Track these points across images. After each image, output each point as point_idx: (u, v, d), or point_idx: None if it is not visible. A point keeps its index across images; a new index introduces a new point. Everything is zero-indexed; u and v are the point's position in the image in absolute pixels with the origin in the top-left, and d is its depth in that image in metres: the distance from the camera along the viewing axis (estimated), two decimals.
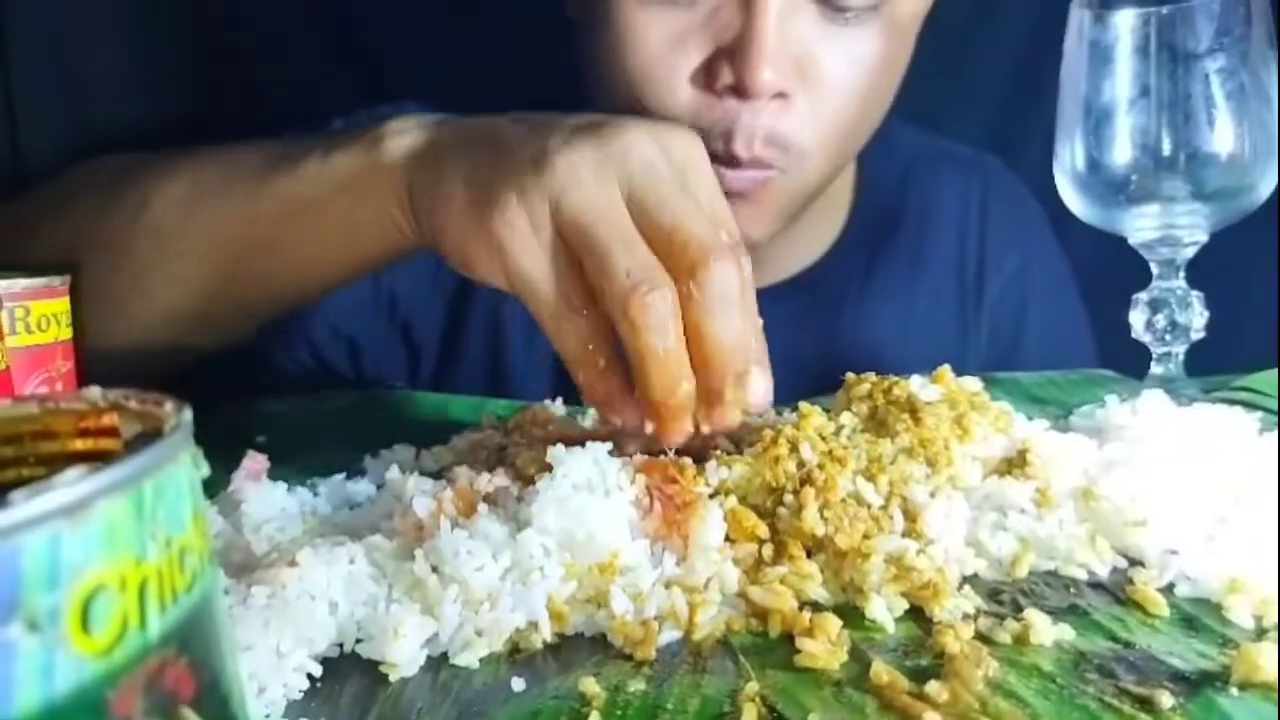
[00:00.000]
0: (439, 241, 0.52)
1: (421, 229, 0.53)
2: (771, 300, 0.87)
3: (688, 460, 0.44)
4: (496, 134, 0.51)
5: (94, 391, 0.23)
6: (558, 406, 0.64)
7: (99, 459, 0.17)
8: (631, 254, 0.44)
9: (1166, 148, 0.60)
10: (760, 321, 0.47)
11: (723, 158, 0.67)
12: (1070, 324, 0.96)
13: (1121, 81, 0.61)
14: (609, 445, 0.44)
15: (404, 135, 0.55)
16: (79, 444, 0.23)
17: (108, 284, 0.62)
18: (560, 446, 0.43)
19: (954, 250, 0.91)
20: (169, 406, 0.21)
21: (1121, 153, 0.61)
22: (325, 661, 0.37)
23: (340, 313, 0.82)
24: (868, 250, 0.89)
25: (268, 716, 0.34)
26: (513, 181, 0.46)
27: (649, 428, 0.45)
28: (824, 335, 0.87)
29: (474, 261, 0.49)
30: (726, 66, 0.66)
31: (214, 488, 0.49)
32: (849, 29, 0.68)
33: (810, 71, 0.67)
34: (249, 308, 0.66)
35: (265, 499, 0.48)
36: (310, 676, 0.36)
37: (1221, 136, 0.59)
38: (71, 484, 0.16)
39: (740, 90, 0.66)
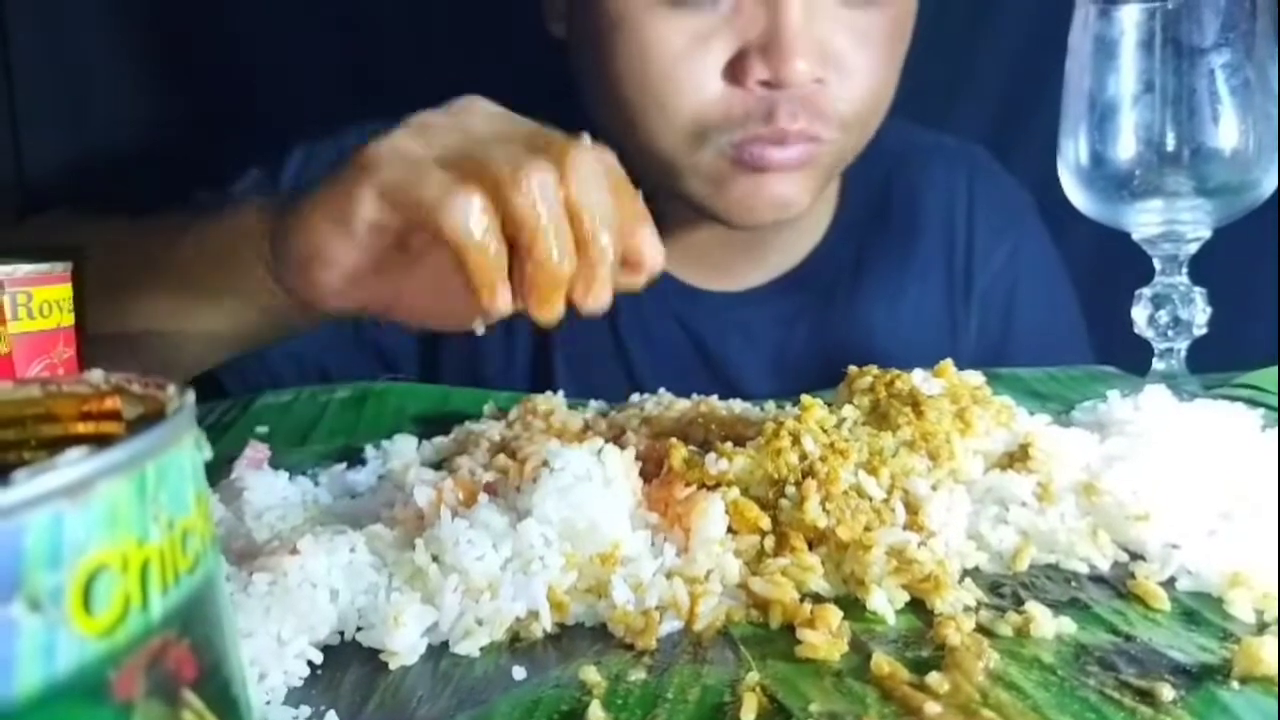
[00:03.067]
0: (288, 256, 0.52)
1: (279, 268, 0.53)
2: (761, 299, 0.88)
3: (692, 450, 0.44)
4: None
5: (96, 374, 0.23)
6: (559, 399, 0.64)
7: (101, 442, 0.17)
8: (506, 148, 0.46)
9: (1170, 143, 0.60)
10: (638, 193, 0.49)
11: (767, 137, 0.69)
12: (1061, 312, 0.95)
13: (1126, 76, 0.61)
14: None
15: (265, 205, 0.56)
16: (81, 427, 0.23)
17: None
18: (556, 441, 0.43)
19: (942, 241, 0.91)
20: (171, 390, 0.21)
21: (1125, 148, 0.61)
22: (326, 649, 0.37)
23: (309, 347, 0.81)
24: (856, 244, 0.89)
25: (268, 703, 0.34)
26: (373, 142, 0.48)
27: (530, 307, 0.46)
28: (814, 330, 0.87)
29: (328, 224, 0.49)
30: (759, 62, 0.68)
31: (216, 476, 0.49)
32: (862, 10, 0.71)
33: (836, 55, 0.70)
34: (176, 362, 0.66)
35: (267, 487, 0.48)
36: (311, 664, 0.36)
37: (1226, 132, 0.59)
38: (73, 464, 0.16)
39: (776, 83, 0.68)
